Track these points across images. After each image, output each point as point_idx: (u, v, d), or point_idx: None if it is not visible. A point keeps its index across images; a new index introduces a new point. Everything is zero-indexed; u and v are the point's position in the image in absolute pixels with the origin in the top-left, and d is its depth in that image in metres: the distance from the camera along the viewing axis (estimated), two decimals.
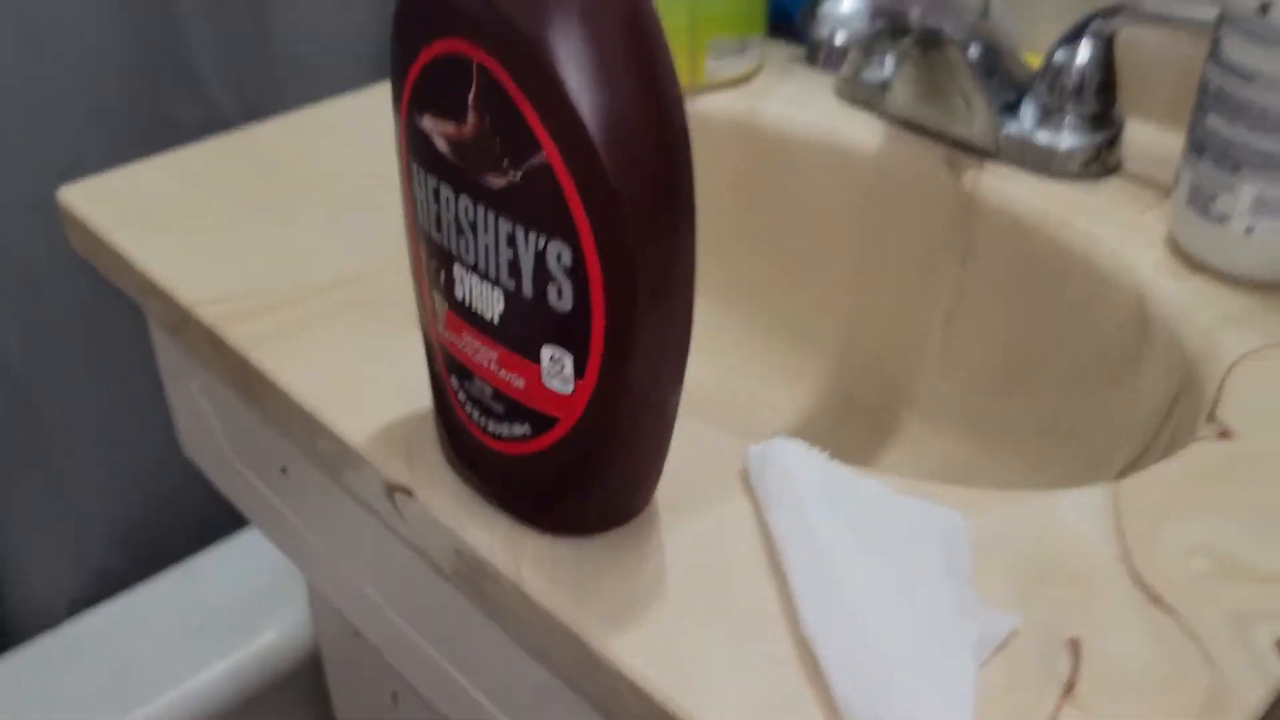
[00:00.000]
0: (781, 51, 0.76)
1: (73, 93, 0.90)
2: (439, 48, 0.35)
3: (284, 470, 0.60)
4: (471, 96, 0.35)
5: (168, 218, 0.62)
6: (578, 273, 0.34)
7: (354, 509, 0.53)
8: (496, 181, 0.35)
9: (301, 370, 0.51)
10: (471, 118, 0.35)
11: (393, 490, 0.45)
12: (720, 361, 0.70)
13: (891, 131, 0.68)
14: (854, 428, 0.69)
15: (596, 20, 0.33)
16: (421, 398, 0.47)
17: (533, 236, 0.35)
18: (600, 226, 0.34)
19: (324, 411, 0.48)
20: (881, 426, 0.69)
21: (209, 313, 0.54)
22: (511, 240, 0.36)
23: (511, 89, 0.33)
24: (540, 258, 0.35)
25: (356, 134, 0.69)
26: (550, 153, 0.33)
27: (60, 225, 0.65)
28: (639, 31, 0.34)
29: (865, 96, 0.69)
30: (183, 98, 0.95)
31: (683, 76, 0.71)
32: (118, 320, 0.92)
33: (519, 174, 0.34)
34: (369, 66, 0.97)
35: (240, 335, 0.53)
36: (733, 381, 0.70)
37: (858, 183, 0.69)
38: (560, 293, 0.35)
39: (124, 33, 0.91)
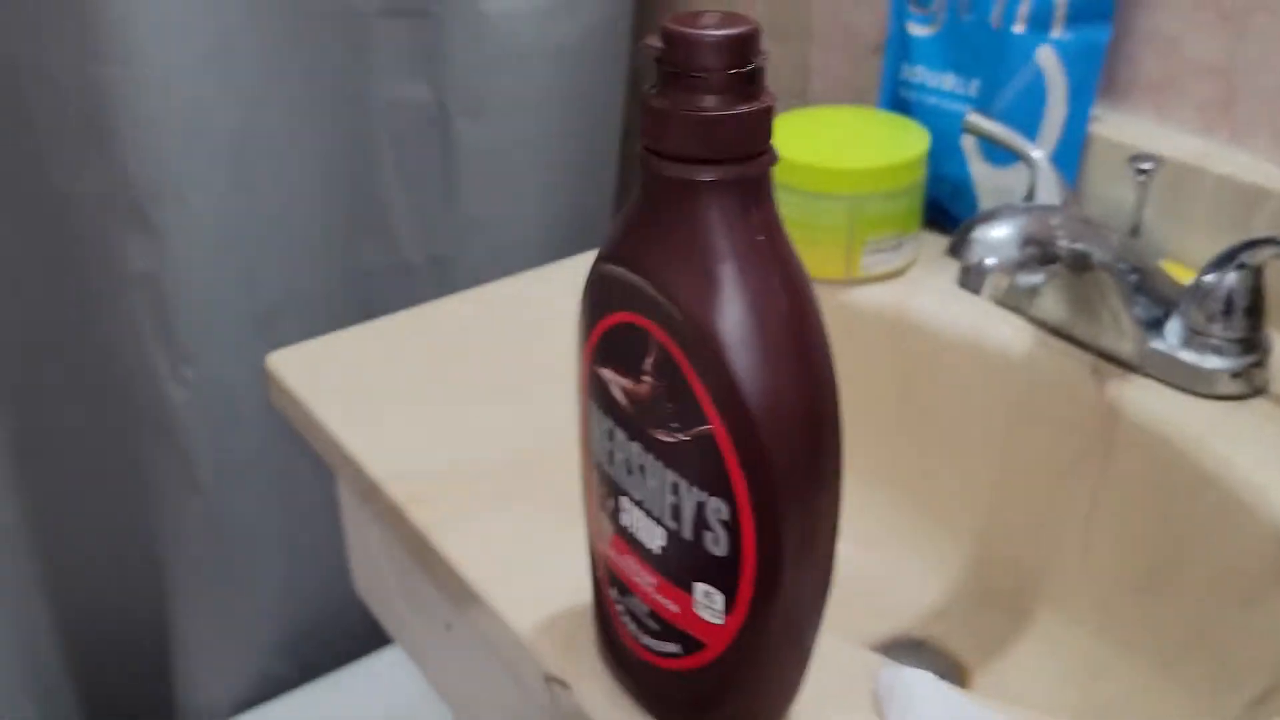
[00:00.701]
0: (936, 244, 0.80)
1: (277, 241, 0.98)
2: (622, 316, 0.40)
3: (448, 627, 0.65)
4: (648, 363, 0.39)
5: (363, 389, 0.68)
6: (733, 527, 0.39)
7: (509, 676, 0.58)
8: (665, 438, 0.40)
9: (476, 552, 0.56)
10: (647, 381, 0.40)
11: (550, 680, 0.50)
12: (863, 541, 0.72)
13: (1039, 336, 0.71)
14: (989, 616, 0.71)
15: (762, 311, 0.37)
16: (583, 591, 0.51)
17: (695, 490, 0.39)
18: (756, 492, 0.38)
19: (494, 597, 0.53)
20: (1015, 617, 0.71)
21: (394, 489, 0.60)
22: (675, 489, 0.40)
23: (684, 364, 0.38)
24: (700, 509, 0.39)
25: (544, 312, 0.74)
26: (715, 424, 0.38)
27: (258, 362, 0.72)
28: (799, 322, 0.38)
29: (1014, 301, 0.72)
30: (374, 246, 1.04)
31: (839, 271, 0.75)
32: (308, 457, 0.99)
33: (686, 436, 0.39)
34: (546, 229, 1.03)
35: (421, 513, 0.58)
36: (874, 562, 0.73)
37: (1004, 382, 0.71)
38: (716, 541, 0.39)
39: (330, 186, 1.00)
